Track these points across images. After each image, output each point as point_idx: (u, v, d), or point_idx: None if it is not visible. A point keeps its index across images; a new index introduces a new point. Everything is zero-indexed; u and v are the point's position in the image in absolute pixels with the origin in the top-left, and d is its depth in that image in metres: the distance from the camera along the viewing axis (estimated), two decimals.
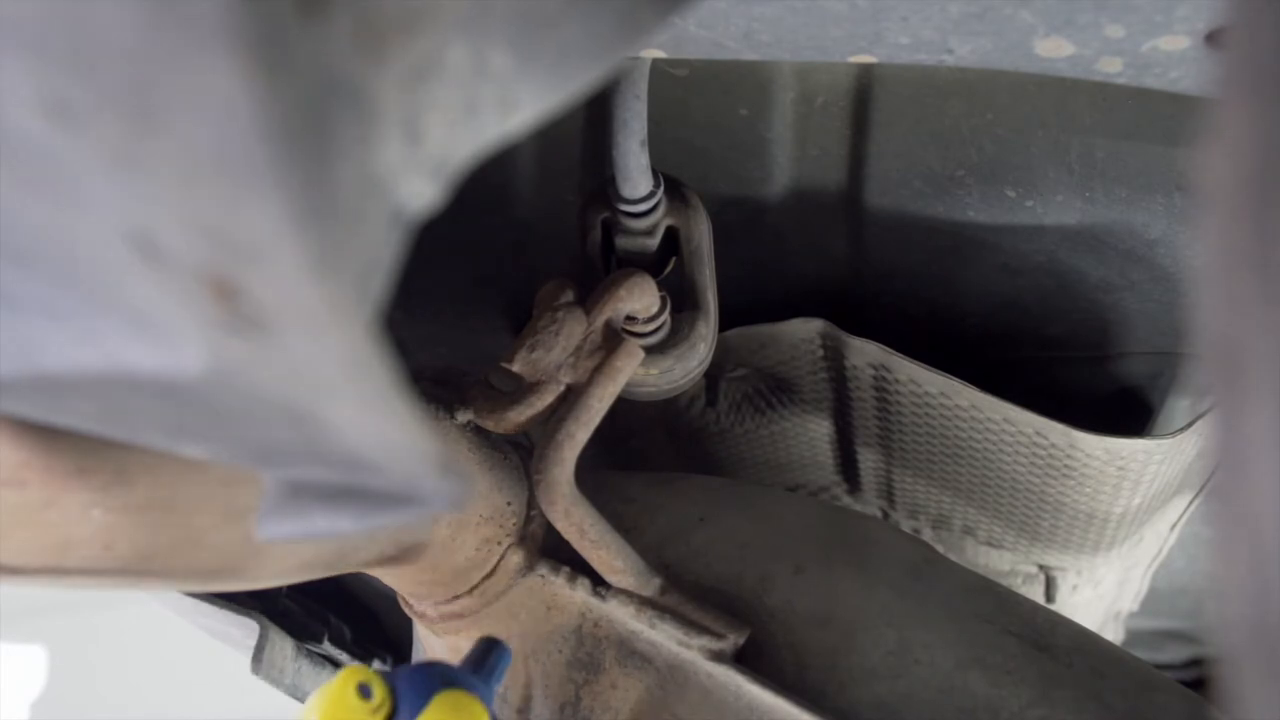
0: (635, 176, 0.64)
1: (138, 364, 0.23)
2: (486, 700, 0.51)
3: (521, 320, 0.65)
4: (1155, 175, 0.71)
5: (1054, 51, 0.45)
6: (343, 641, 0.91)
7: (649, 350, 0.66)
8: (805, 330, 0.79)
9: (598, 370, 0.62)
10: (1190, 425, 0.75)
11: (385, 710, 0.48)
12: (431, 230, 0.31)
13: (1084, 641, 0.65)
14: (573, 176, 0.78)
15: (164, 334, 0.22)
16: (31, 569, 0.40)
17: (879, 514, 1.00)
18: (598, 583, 0.65)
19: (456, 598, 0.66)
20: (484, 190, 0.80)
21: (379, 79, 0.20)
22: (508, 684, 0.68)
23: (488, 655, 0.55)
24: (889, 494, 0.96)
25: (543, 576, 0.66)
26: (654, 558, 0.66)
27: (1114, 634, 1.15)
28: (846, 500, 1.00)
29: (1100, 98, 0.68)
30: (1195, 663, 1.36)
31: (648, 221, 0.67)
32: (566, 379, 0.63)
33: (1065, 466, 0.78)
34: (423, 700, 0.49)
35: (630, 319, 0.66)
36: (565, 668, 0.65)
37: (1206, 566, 1.12)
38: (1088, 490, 0.80)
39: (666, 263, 0.70)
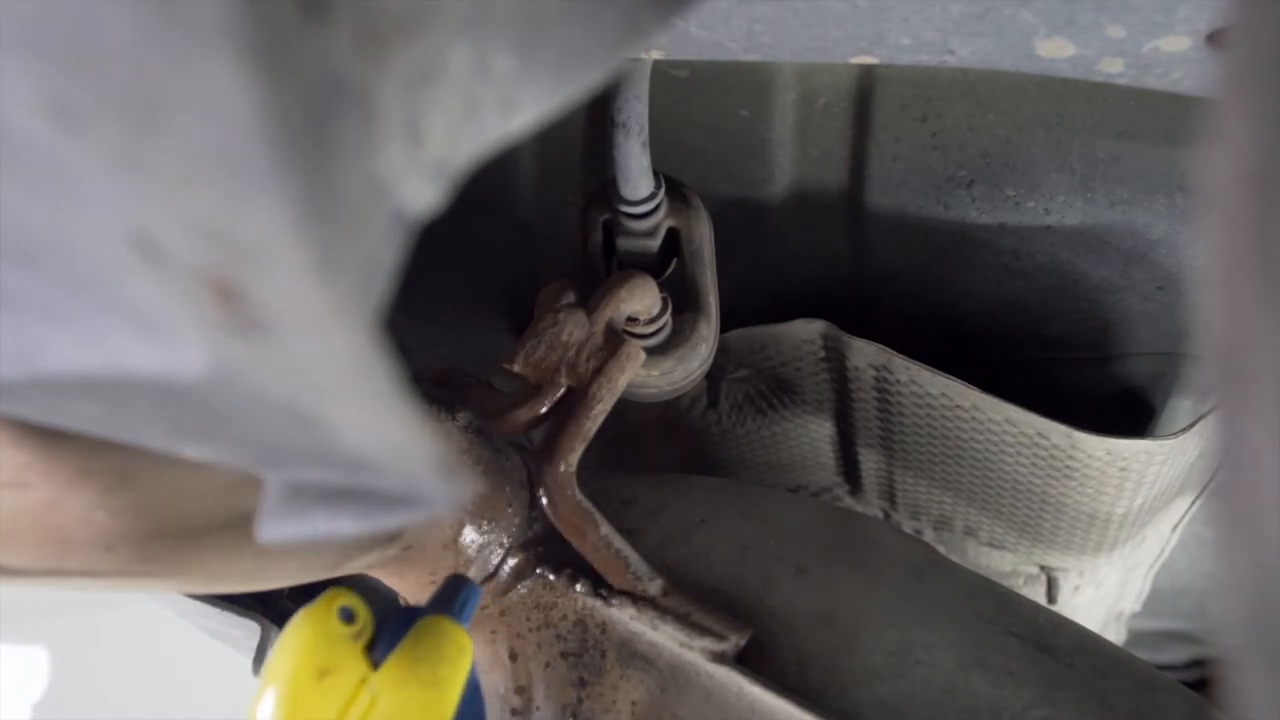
0: (636, 178, 0.64)
1: (139, 365, 0.23)
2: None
3: (523, 321, 0.65)
4: (1157, 175, 0.71)
5: (1055, 52, 0.45)
6: None
7: (650, 351, 0.66)
8: (807, 331, 0.79)
9: (599, 371, 0.62)
10: (1192, 426, 0.75)
11: (367, 635, 0.47)
12: (433, 232, 0.31)
13: (1086, 642, 0.65)
14: (574, 178, 0.78)
15: (165, 335, 0.22)
16: (33, 570, 0.40)
17: (881, 515, 1.00)
18: (599, 584, 0.65)
19: None
20: (485, 192, 0.80)
21: (381, 80, 0.20)
22: (508, 685, 0.68)
23: (457, 592, 0.54)
24: (890, 495, 0.96)
25: (544, 578, 0.66)
26: (655, 559, 0.66)
27: (1116, 635, 1.15)
28: (848, 501, 1.00)
29: (1101, 98, 0.68)
30: (1197, 663, 1.36)
31: (649, 223, 0.67)
32: (568, 380, 0.63)
33: (1067, 467, 0.78)
34: (405, 627, 0.49)
35: (631, 320, 0.66)
36: (566, 669, 0.65)
37: (1208, 567, 1.12)
38: (1089, 491, 0.79)
39: (668, 264, 0.70)
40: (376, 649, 0.47)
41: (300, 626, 0.45)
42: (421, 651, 0.47)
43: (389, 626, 0.48)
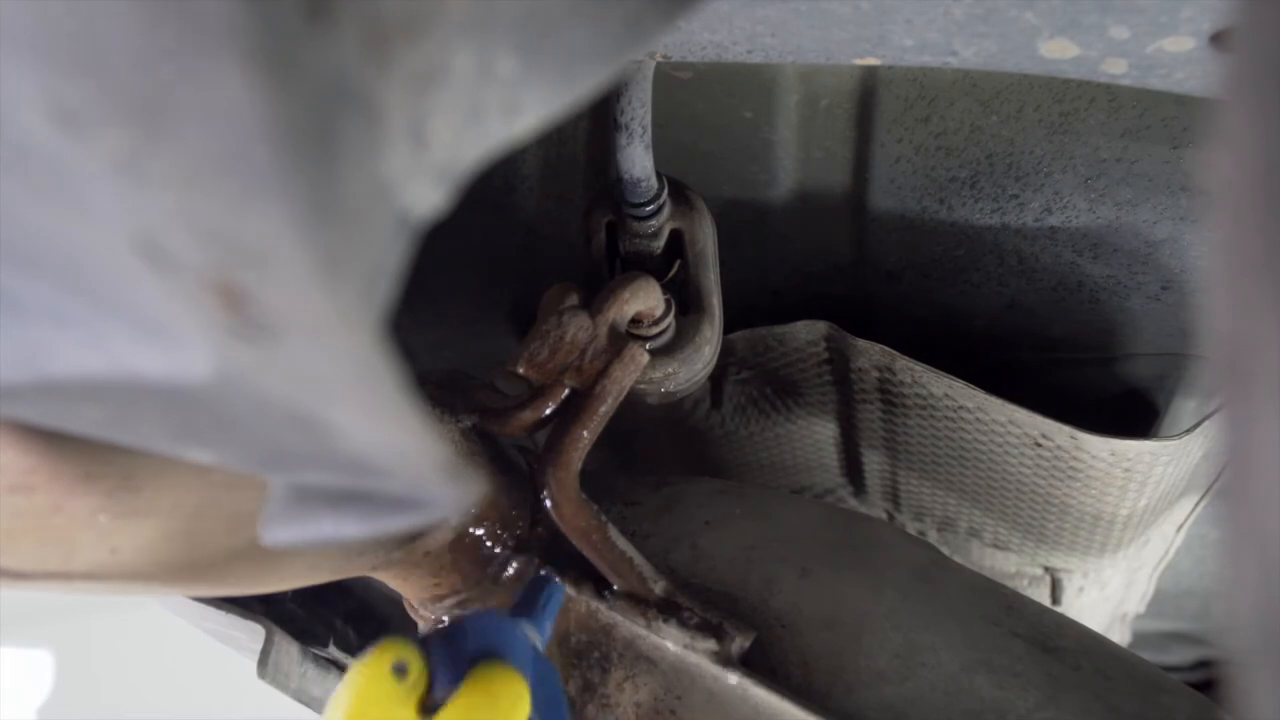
0: (639, 180, 0.64)
1: (144, 369, 0.23)
2: (524, 662, 0.50)
3: (527, 324, 0.65)
4: (1161, 176, 0.70)
5: (1059, 53, 0.45)
6: (348, 645, 0.91)
7: (654, 353, 0.66)
8: (810, 332, 0.79)
9: (603, 373, 0.62)
10: (1197, 426, 0.75)
11: (421, 687, 0.47)
12: (437, 235, 0.31)
13: (1090, 643, 0.64)
14: (577, 180, 0.78)
15: (171, 339, 0.22)
16: (38, 573, 0.40)
17: (884, 516, 1.00)
18: (603, 586, 0.65)
19: (462, 602, 0.66)
20: (489, 194, 0.80)
21: (385, 84, 0.20)
22: None
23: (538, 594, 0.53)
24: (894, 496, 0.96)
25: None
26: (660, 561, 0.65)
27: (1120, 636, 1.15)
28: (852, 503, 1.00)
29: (1105, 99, 0.68)
30: (1202, 664, 1.36)
31: (652, 224, 0.67)
32: (572, 382, 0.63)
33: (1071, 468, 0.78)
34: (458, 672, 0.48)
35: (635, 322, 0.66)
36: (571, 670, 0.65)
37: (1213, 568, 1.12)
38: (1094, 492, 0.79)
39: (671, 265, 0.70)
40: (435, 686, 0.47)
41: (354, 683, 0.45)
42: (476, 700, 0.47)
43: (441, 670, 0.48)
